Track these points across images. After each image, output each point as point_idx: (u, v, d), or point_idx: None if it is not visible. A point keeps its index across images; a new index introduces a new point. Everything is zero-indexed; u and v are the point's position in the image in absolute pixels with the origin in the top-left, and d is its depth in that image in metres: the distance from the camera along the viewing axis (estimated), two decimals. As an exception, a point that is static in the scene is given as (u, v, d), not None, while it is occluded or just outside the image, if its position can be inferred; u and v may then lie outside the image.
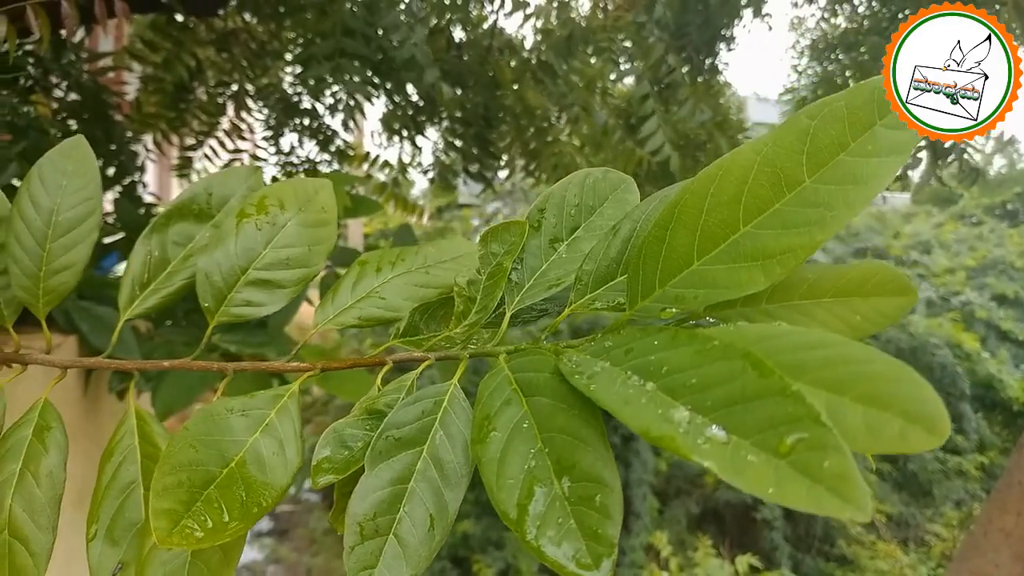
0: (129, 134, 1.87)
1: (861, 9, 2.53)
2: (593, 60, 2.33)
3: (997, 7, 1.76)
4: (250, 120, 2.26)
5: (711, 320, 0.30)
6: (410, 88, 2.26)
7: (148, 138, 2.07)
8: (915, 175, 2.63)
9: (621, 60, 2.23)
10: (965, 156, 2.23)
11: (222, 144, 2.16)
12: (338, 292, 0.38)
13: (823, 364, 0.21)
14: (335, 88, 2.01)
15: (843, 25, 2.64)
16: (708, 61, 2.55)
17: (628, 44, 2.11)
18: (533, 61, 2.19)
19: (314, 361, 0.37)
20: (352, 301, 0.38)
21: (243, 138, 2.22)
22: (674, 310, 0.28)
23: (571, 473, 0.25)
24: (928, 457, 4.08)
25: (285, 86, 2.32)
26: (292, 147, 2.31)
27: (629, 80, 2.44)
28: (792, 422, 0.19)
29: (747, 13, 2.50)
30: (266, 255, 0.39)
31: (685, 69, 2.15)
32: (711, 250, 0.27)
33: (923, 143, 2.28)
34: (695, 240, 0.27)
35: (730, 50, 2.59)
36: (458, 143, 2.40)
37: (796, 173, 0.26)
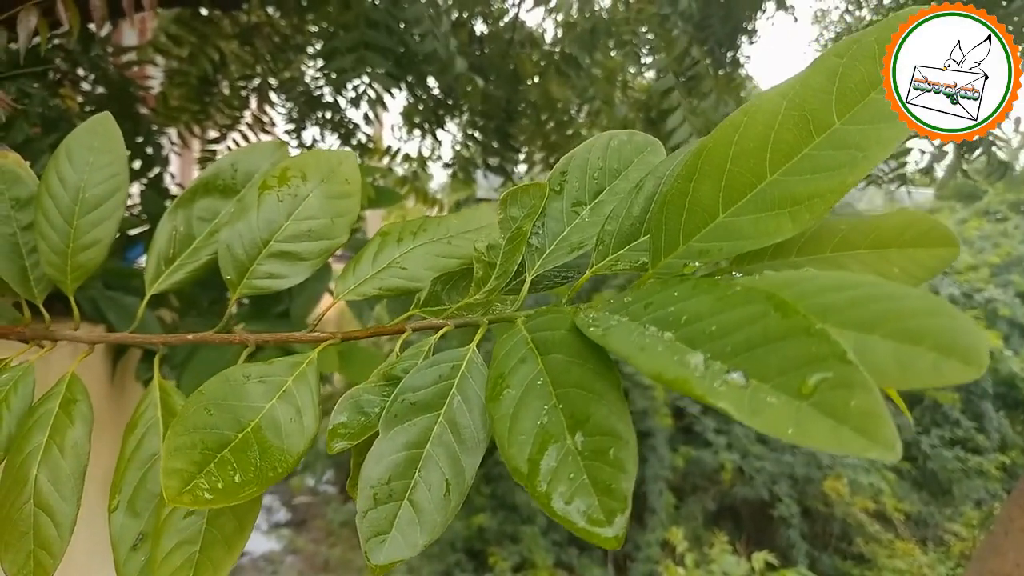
0: (154, 127, 1.89)
1: (887, 1, 2.49)
2: (614, 54, 2.32)
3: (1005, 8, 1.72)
4: (273, 113, 2.27)
5: (737, 275, 0.29)
6: (431, 81, 2.26)
7: (173, 131, 2.09)
8: (940, 169, 2.59)
9: (643, 53, 2.22)
10: (992, 150, 2.19)
11: (245, 137, 2.17)
12: (359, 263, 0.38)
13: (851, 304, 0.20)
14: (357, 81, 2.02)
15: (868, 17, 2.61)
16: (730, 54, 2.54)
17: (651, 36, 2.09)
18: (556, 54, 2.18)
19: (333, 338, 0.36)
20: (373, 272, 0.38)
21: (266, 131, 2.23)
22: (697, 264, 0.27)
23: (584, 427, 0.24)
24: (948, 456, 4.03)
25: (307, 80, 2.33)
26: (314, 140, 2.32)
27: (650, 74, 2.43)
28: (815, 362, 0.18)
29: (770, 5, 2.48)
30: (288, 227, 0.39)
31: (707, 62, 2.13)
32: (737, 200, 0.26)
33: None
34: (720, 191, 0.26)
35: (752, 43, 2.57)
36: (478, 136, 2.40)
37: (825, 115, 0.25)
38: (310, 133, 2.32)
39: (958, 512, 3.98)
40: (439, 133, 2.44)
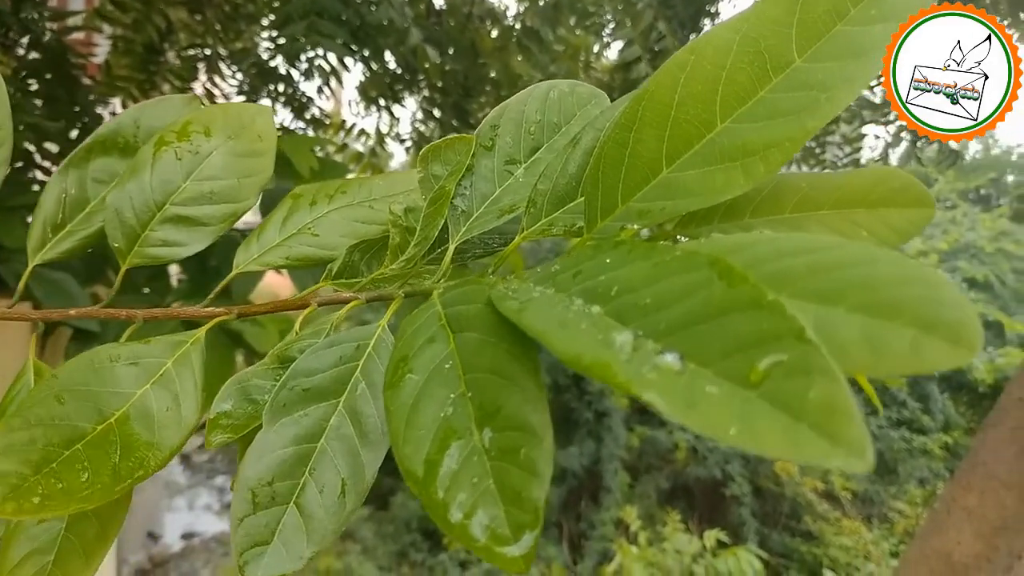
0: (92, 97, 1.80)
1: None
2: (578, 32, 2.28)
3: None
4: (224, 86, 2.18)
5: (683, 240, 0.26)
6: (388, 56, 2.20)
7: (117, 101, 2.00)
8: (894, 158, 2.62)
9: (607, 29, 2.18)
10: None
11: (194, 108, 2.08)
12: (265, 229, 0.33)
13: (811, 271, 0.16)
14: (311, 53, 1.94)
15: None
16: (694, 36, 2.51)
17: (615, 11, 2.05)
18: (516, 29, 2.13)
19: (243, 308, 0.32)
20: (280, 239, 0.33)
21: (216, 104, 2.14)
22: (636, 227, 0.23)
23: (494, 421, 0.20)
24: (894, 436, 4.15)
25: (260, 51, 2.24)
26: (266, 114, 2.23)
27: (612, 55, 2.40)
28: (767, 341, 0.14)
29: (732, -12, 2.46)
30: (186, 188, 0.34)
31: (675, 41, 2.11)
32: (682, 152, 0.22)
33: (905, 122, 2.27)
34: (664, 142, 0.23)
35: (715, 25, 2.55)
36: (436, 113, 2.35)
37: (784, 51, 0.21)
38: (262, 105, 2.23)
39: (902, 490, 4.10)
40: (397, 109, 2.37)
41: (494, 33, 2.21)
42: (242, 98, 2.19)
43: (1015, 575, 1.49)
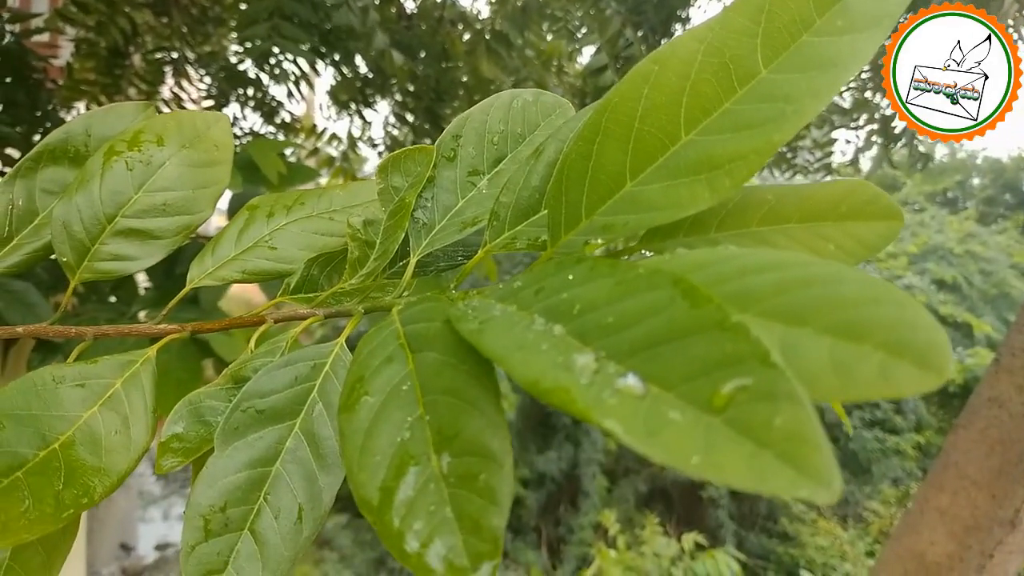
0: (57, 101, 1.77)
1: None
2: (549, 37, 2.29)
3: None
4: (191, 90, 2.16)
5: (648, 255, 0.25)
6: (359, 60, 2.19)
7: (82, 105, 1.96)
8: (865, 160, 2.66)
9: (577, 35, 2.19)
10: (914, 142, 2.26)
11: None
12: (220, 242, 0.32)
13: (778, 289, 0.16)
14: (281, 57, 1.92)
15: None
16: (664, 41, 2.53)
17: (584, 16, 2.06)
18: (487, 33, 2.13)
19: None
20: (236, 252, 0.32)
21: (183, 108, 2.11)
22: (600, 242, 0.23)
23: (453, 446, 0.19)
24: (868, 437, 4.21)
25: (229, 54, 2.22)
26: (235, 118, 2.21)
27: (584, 59, 2.41)
28: (731, 364, 0.14)
29: (703, -6, 2.48)
30: (138, 200, 0.33)
31: (643, 47, 2.12)
32: (646, 165, 0.22)
33: (875, 127, 2.30)
34: (627, 155, 0.22)
35: (678, 35, 2.57)
36: (409, 117, 2.34)
37: (749, 62, 0.21)
38: (231, 110, 2.21)
39: (876, 490, 4.16)
40: (369, 113, 2.36)
41: (466, 37, 2.20)
42: (210, 102, 2.17)
43: (987, 574, 1.51)
